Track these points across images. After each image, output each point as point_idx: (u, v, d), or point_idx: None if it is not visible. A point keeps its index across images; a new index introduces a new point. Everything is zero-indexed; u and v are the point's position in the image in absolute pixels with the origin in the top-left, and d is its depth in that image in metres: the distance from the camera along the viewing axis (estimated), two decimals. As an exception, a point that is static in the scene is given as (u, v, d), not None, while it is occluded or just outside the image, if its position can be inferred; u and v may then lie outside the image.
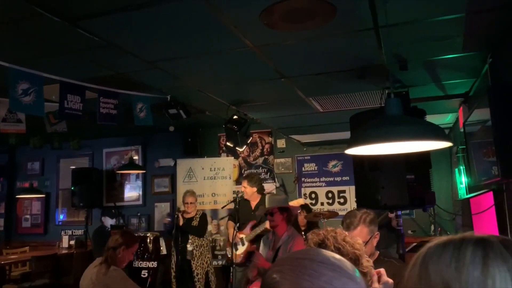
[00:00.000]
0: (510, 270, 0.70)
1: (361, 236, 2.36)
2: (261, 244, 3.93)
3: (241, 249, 5.16)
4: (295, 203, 5.20)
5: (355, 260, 1.62)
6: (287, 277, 0.76)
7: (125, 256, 3.29)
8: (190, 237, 5.55)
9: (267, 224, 4.71)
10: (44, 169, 8.15)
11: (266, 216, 4.80)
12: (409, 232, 5.94)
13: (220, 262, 6.17)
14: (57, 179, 8.02)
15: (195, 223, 5.62)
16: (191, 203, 5.66)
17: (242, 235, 5.18)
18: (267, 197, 4.47)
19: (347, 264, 0.81)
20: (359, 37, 2.83)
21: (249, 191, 5.34)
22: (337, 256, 0.83)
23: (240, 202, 5.40)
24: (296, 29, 2.65)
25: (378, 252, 2.51)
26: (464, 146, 3.98)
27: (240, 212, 5.32)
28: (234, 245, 5.13)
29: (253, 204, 5.36)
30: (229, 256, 5.23)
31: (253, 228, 4.99)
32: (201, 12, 2.40)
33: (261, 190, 5.45)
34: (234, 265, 5.09)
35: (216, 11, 2.39)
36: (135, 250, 3.48)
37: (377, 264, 2.40)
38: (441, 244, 0.78)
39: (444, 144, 1.98)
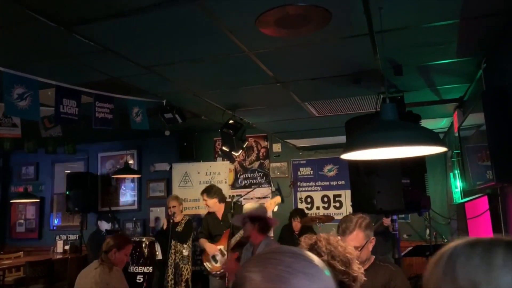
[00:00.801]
0: None
1: (357, 241, 2.37)
2: (243, 252, 3.86)
3: (221, 261, 5.12)
4: (271, 202, 5.20)
5: (346, 263, 1.62)
6: (252, 270, 0.79)
7: (118, 259, 3.35)
8: (173, 242, 5.54)
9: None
10: (39, 173, 8.11)
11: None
12: (405, 236, 5.96)
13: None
14: (51, 183, 7.98)
15: (179, 228, 5.61)
16: (173, 206, 5.64)
17: (220, 246, 5.15)
18: (244, 206, 4.43)
19: (307, 252, 0.85)
20: (354, 42, 2.84)
21: (210, 203, 5.32)
22: (298, 248, 0.87)
23: (208, 217, 5.41)
24: (292, 35, 2.66)
25: (374, 257, 2.51)
26: (459, 151, 4.00)
27: (209, 227, 5.33)
28: (213, 258, 5.16)
29: (219, 214, 5.35)
30: (209, 270, 5.21)
31: (229, 237, 4.94)
32: (197, 17, 2.40)
33: (222, 199, 5.43)
34: (216, 277, 5.11)
35: (212, 16, 2.40)
36: (129, 252, 3.50)
37: (372, 268, 2.41)
38: (469, 244, 0.77)
39: (439, 150, 1.99)
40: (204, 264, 5.31)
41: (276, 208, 5.38)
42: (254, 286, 0.77)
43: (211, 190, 5.38)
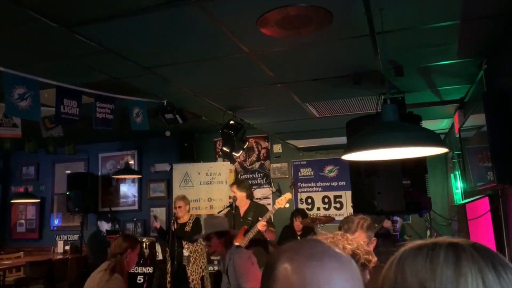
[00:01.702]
0: (481, 270, 0.75)
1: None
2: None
3: None
4: (282, 198, 5.18)
5: (368, 254, 1.62)
6: (282, 257, 0.88)
7: (132, 259, 3.35)
8: (184, 242, 5.54)
9: (259, 226, 4.70)
10: (39, 174, 8.12)
11: (257, 220, 4.80)
12: (405, 237, 5.94)
13: (216, 268, 6.15)
14: (52, 184, 7.98)
15: (188, 228, 5.61)
16: (179, 207, 5.66)
17: (236, 243, 5.13)
18: (203, 220, 4.35)
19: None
20: (355, 43, 2.84)
21: (238, 196, 5.29)
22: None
23: (229, 212, 5.39)
24: (293, 36, 2.66)
25: (376, 258, 2.50)
26: (460, 152, 4.00)
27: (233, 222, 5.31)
28: None
29: (242, 210, 5.32)
30: None
31: (245, 234, 4.95)
32: (198, 18, 2.40)
33: (250, 196, 5.40)
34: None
35: (213, 17, 2.40)
36: (139, 252, 3.51)
37: (374, 270, 2.40)
38: (416, 247, 0.83)
39: (440, 150, 1.99)
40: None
41: (287, 205, 5.37)
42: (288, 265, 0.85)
43: (241, 183, 5.33)
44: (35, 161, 8.01)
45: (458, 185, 4.62)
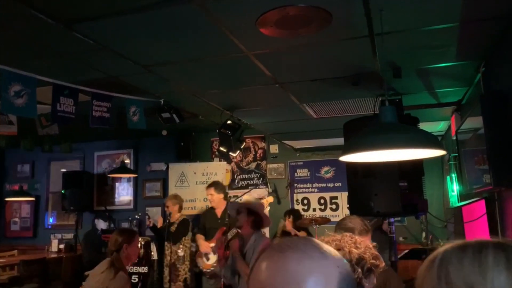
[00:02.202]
0: None
1: None
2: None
3: (213, 259, 5.14)
4: (264, 201, 5.23)
5: (375, 258, 1.61)
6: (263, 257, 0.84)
7: (131, 253, 3.26)
8: (166, 243, 5.56)
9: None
10: (34, 171, 8.07)
11: (234, 221, 4.80)
12: (401, 239, 5.96)
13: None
14: (47, 182, 7.94)
15: (173, 228, 5.61)
16: (166, 207, 5.68)
17: (212, 244, 5.16)
18: (244, 197, 4.41)
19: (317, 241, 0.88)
20: (354, 44, 2.84)
21: (216, 198, 5.37)
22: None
23: (206, 212, 5.43)
24: (292, 36, 2.65)
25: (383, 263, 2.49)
26: (456, 154, 4.01)
27: (206, 220, 5.34)
28: (205, 255, 5.22)
29: (219, 211, 5.37)
30: (200, 267, 5.29)
31: (224, 234, 4.94)
32: (197, 17, 2.39)
33: (226, 197, 5.48)
34: (207, 276, 5.12)
35: (212, 16, 2.39)
36: (138, 243, 3.44)
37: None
38: (458, 248, 0.80)
39: (438, 153, 1.99)
40: (197, 260, 5.34)
41: (268, 208, 5.42)
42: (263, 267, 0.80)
43: (219, 185, 5.45)
44: (31, 159, 7.96)
45: (454, 188, 4.64)
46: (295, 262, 0.77)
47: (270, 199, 5.53)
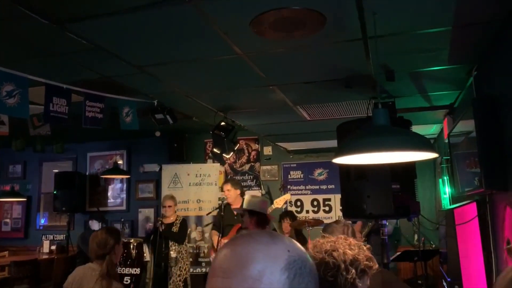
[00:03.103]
0: None
1: None
2: None
3: None
4: (281, 199, 5.29)
5: (369, 260, 1.62)
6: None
7: (119, 251, 3.01)
8: (171, 243, 5.51)
9: None
10: (26, 172, 8.01)
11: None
12: (395, 242, 5.98)
13: (204, 270, 6.12)
14: (39, 182, 7.88)
15: (175, 229, 5.58)
16: (169, 206, 5.65)
17: (223, 240, 5.15)
18: (245, 197, 4.40)
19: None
20: (347, 47, 2.86)
21: (233, 193, 5.37)
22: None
23: (223, 208, 5.41)
24: (286, 38, 2.66)
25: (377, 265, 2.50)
26: (448, 157, 4.03)
27: (224, 217, 5.33)
28: None
29: (236, 207, 5.35)
30: None
31: (238, 232, 4.96)
32: (191, 18, 2.39)
33: (243, 193, 5.47)
34: None
35: (206, 17, 2.39)
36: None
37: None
38: None
39: (430, 155, 2.00)
40: (211, 257, 5.31)
41: (285, 206, 5.47)
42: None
43: (234, 181, 5.54)
44: (22, 159, 7.90)
45: (446, 190, 4.67)
46: (244, 246, 0.81)
47: (288, 196, 5.61)
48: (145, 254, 5.77)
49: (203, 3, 2.21)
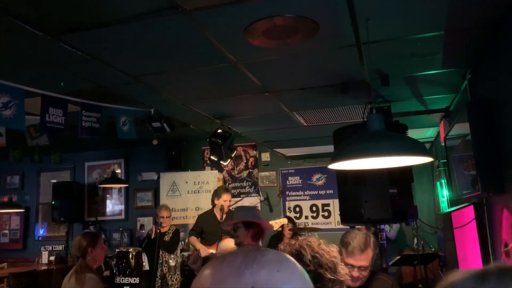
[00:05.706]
0: None
1: (366, 260, 2.30)
2: None
3: None
4: (278, 222, 5.23)
5: (333, 268, 1.56)
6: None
7: (97, 255, 3.15)
8: (161, 252, 5.51)
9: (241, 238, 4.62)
10: (24, 183, 7.99)
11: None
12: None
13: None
14: (37, 193, 7.86)
15: (167, 238, 5.57)
16: (166, 217, 5.62)
17: (212, 250, 5.10)
18: (235, 209, 4.14)
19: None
20: (341, 53, 2.87)
21: (229, 202, 5.35)
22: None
23: (204, 215, 5.39)
24: (280, 46, 2.67)
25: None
26: (445, 160, 4.04)
27: (206, 226, 5.30)
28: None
29: (224, 216, 5.32)
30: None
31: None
32: (186, 27, 2.40)
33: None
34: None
35: (200, 26, 2.40)
36: (102, 243, 3.28)
37: (370, 281, 2.39)
38: (477, 276, 0.69)
39: (425, 160, 2.01)
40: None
41: (280, 229, 5.47)
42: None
43: (229, 190, 5.54)
44: (20, 170, 7.88)
45: (444, 194, 4.67)
46: (217, 269, 0.74)
47: (284, 220, 5.48)
48: (144, 264, 5.75)
49: (197, 12, 2.23)
